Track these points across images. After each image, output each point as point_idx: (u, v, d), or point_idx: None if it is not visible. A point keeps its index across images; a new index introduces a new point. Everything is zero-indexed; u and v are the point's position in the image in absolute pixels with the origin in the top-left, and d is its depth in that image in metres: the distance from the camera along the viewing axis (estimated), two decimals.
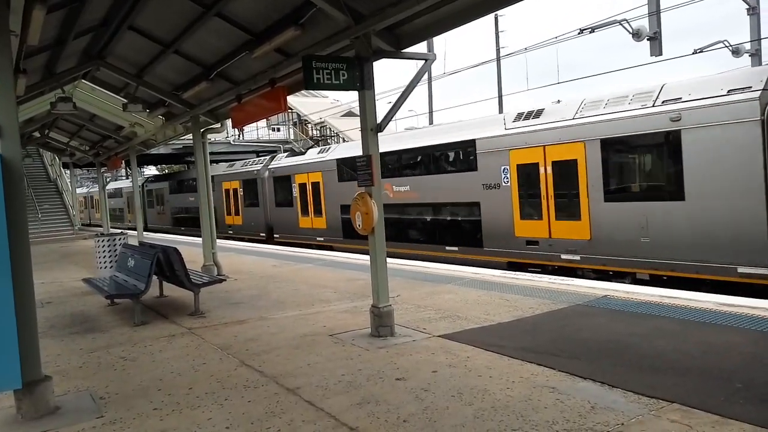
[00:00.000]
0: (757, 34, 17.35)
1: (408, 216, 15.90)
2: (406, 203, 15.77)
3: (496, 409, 4.22)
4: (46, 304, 9.69)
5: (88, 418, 4.53)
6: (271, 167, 22.45)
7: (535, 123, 12.19)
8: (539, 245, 12.10)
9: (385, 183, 15.20)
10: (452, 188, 14.25)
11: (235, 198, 25.33)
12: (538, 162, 12.01)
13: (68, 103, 11.59)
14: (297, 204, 20.71)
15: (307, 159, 20.52)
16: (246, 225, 24.55)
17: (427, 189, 15.07)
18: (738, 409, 3.96)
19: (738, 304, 6.79)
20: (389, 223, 14.59)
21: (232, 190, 25.51)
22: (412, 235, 15.87)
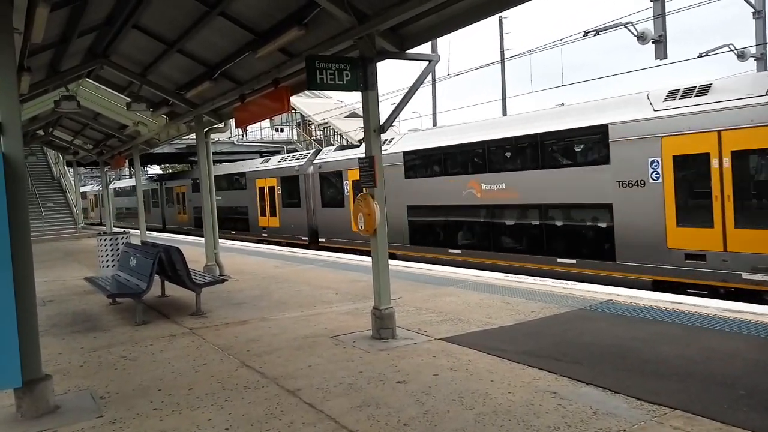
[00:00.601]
0: (763, 37, 17.27)
1: (503, 220, 13.23)
2: (501, 204, 13.07)
3: (497, 414, 4.19)
4: (48, 303, 9.69)
5: (88, 417, 4.52)
6: (318, 162, 19.70)
7: (700, 102, 9.62)
8: (706, 260, 9.49)
9: (471, 180, 13.64)
10: (569, 186, 11.56)
11: (272, 197, 22.59)
12: (709, 152, 9.34)
13: (72, 102, 11.60)
14: (350, 204, 17.40)
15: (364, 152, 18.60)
16: (284, 227, 21.85)
17: (531, 187, 12.29)
18: (741, 416, 3.93)
19: (742, 310, 6.74)
20: (474, 230, 13.98)
21: (268, 189, 22.73)
22: (507, 244, 13.15)
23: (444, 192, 14.45)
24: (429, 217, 15.16)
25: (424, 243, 15.23)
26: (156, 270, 8.05)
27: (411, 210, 15.54)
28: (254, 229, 23.73)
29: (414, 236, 15.51)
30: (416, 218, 15.44)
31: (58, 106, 11.76)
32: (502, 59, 27.57)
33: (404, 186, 15.68)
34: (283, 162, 22.28)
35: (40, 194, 28.57)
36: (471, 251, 13.85)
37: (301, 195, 20.65)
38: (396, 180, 15.85)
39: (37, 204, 27.32)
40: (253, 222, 23.97)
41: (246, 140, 38.51)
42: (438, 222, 15.00)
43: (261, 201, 23.38)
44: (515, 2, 5.70)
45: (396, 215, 15.90)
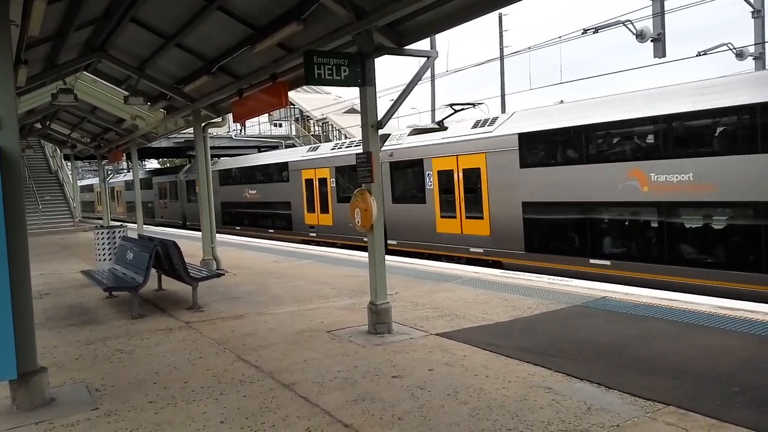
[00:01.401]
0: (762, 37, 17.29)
1: (687, 222, 9.92)
2: (684, 201, 9.66)
3: (491, 409, 4.21)
4: (44, 295, 9.70)
5: (83, 410, 4.53)
6: (388, 149, 16.13)
7: None
8: None
9: (633, 169, 10.20)
10: None
11: (322, 191, 19.32)
12: None
13: (69, 95, 11.57)
14: (435, 200, 14.59)
15: (455, 135, 14.19)
16: (340, 226, 18.49)
17: (738, 179, 8.90)
18: (734, 412, 3.95)
19: (736, 307, 6.77)
20: (635, 234, 10.51)
21: (318, 181, 19.51)
22: (692, 254, 9.82)
23: (585, 185, 11.03)
24: (557, 216, 11.75)
25: (547, 250, 11.91)
26: (153, 264, 8.05)
27: (529, 208, 12.16)
28: (299, 227, 20.67)
29: (532, 241, 12.18)
30: (537, 218, 12.07)
31: (55, 99, 11.74)
32: (501, 56, 27.56)
33: (519, 178, 12.27)
34: (338, 149, 18.77)
35: (38, 187, 28.54)
36: (629, 263, 10.49)
37: None
38: (505, 170, 12.55)
39: (34, 197, 27.29)
40: (297, 219, 20.93)
41: (244, 135, 38.46)
42: (572, 223, 11.54)
43: (308, 195, 20.11)
44: None
45: (503, 215, 12.67)
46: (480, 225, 13.40)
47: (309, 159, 20.15)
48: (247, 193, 24.30)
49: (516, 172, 12.38)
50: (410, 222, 15.54)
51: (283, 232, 21.53)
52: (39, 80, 11.47)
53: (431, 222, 14.76)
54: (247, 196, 24.29)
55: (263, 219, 23.06)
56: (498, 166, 12.77)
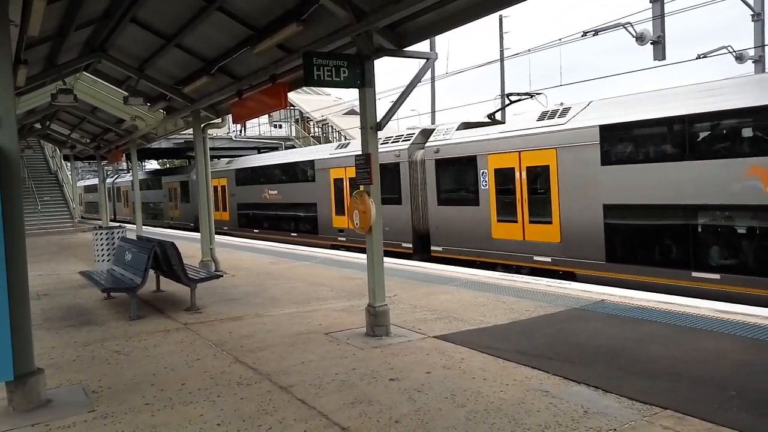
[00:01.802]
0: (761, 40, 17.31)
1: None
2: None
3: (488, 412, 4.20)
4: (42, 296, 9.69)
5: (80, 411, 4.52)
6: (435, 144, 14.67)
7: None
8: None
9: (755, 165, 8.79)
10: None
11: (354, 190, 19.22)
12: None
13: (69, 95, 11.58)
14: (490, 202, 13.03)
15: (516, 129, 12.54)
16: None
17: None
18: (731, 416, 3.95)
19: (733, 311, 6.77)
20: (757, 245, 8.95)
21: (349, 181, 17.99)
22: None
23: (689, 185, 9.51)
24: (650, 221, 10.18)
25: (635, 260, 10.35)
26: (151, 265, 8.05)
27: (612, 211, 10.61)
28: (326, 230, 19.11)
29: (615, 250, 10.65)
30: (622, 223, 10.61)
31: (55, 100, 11.74)
32: (502, 58, 27.59)
33: (600, 176, 10.73)
34: None
35: (37, 188, 28.52)
36: (745, 277, 8.99)
37: (403, 188, 15.76)
38: (581, 168, 11.04)
39: (33, 198, 27.28)
40: (324, 222, 19.37)
41: (244, 136, 38.46)
42: (670, 230, 9.96)
43: (337, 196, 18.48)
44: (514, 0, 5.70)
45: (578, 219, 11.14)
46: (548, 231, 11.77)
47: (338, 157, 18.40)
48: (267, 194, 22.72)
49: (596, 170, 10.80)
50: (459, 227, 13.96)
51: (307, 236, 20.14)
52: (39, 80, 11.48)
53: (485, 227, 13.18)
54: (267, 197, 22.74)
55: (285, 222, 21.65)
56: (572, 163, 11.18)
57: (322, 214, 19.36)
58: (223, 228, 25.47)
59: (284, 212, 21.72)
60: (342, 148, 18.81)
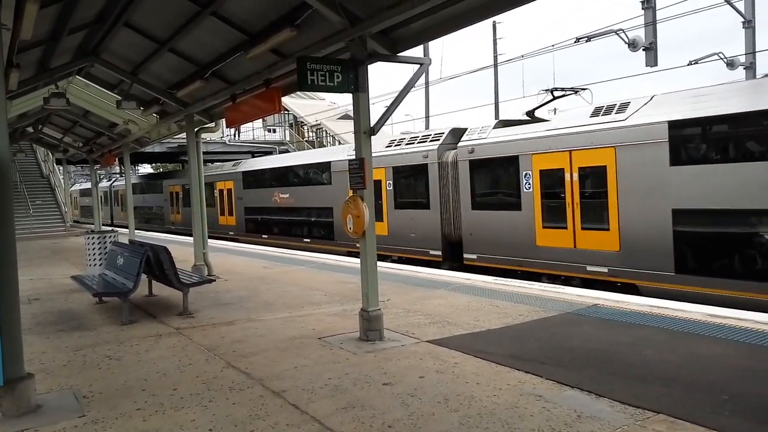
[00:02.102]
0: (752, 46, 17.48)
1: None
2: None
3: (481, 416, 4.19)
4: (33, 301, 9.61)
5: (70, 417, 4.48)
6: (469, 144, 13.41)
7: None
8: None
9: None
10: None
11: (376, 195, 16.20)
12: None
13: (62, 99, 11.53)
14: (535, 206, 11.94)
15: (565, 126, 11.44)
16: (396, 236, 15.78)
17: None
18: (724, 420, 3.96)
19: (726, 315, 6.80)
20: None
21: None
22: None
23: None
24: (733, 229, 9.02)
25: (711, 272, 9.22)
26: (143, 269, 8.00)
27: (683, 217, 9.53)
28: (344, 236, 17.41)
29: (686, 260, 9.56)
30: (696, 231, 9.49)
31: (47, 103, 11.68)
32: (495, 63, 27.71)
33: (669, 178, 9.66)
34: (396, 147, 15.95)
35: (29, 192, 28.36)
36: None
37: (431, 192, 14.54)
38: (646, 169, 9.98)
39: (25, 201, 27.11)
40: (341, 228, 17.55)
41: (238, 140, 38.42)
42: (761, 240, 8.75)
43: None
44: (507, 7, 5.73)
45: (642, 226, 10.10)
46: (604, 238, 10.66)
47: None
48: (278, 198, 21.33)
49: (664, 170, 9.71)
50: (497, 233, 12.75)
51: (322, 242, 18.87)
52: (31, 84, 11.43)
53: (529, 233, 12.01)
54: (278, 201, 21.32)
55: (297, 227, 20.36)
56: (635, 164, 10.12)
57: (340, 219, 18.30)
58: (229, 233, 24.54)
59: (297, 217, 20.45)
60: None
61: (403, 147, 15.70)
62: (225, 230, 24.94)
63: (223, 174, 25.30)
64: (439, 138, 14.70)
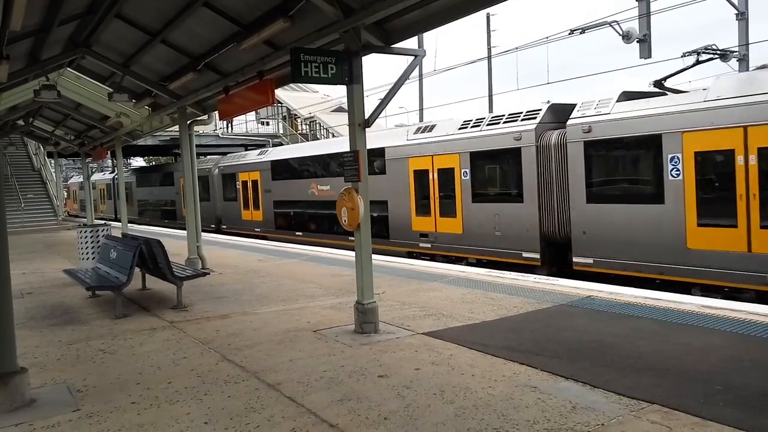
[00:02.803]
0: (746, 38, 17.51)
1: None
2: None
3: (477, 408, 4.20)
4: (26, 295, 9.55)
5: (64, 411, 4.46)
6: (580, 122, 11.00)
7: None
8: None
9: None
10: None
11: (446, 185, 13.95)
12: None
13: (52, 91, 11.42)
14: (685, 198, 9.56)
15: (734, 96, 9.01)
16: (473, 235, 13.32)
17: None
18: (718, 410, 3.98)
19: (719, 306, 6.84)
20: None
21: (438, 173, 14.16)
22: None
23: None
24: None
25: None
26: (137, 263, 7.96)
27: None
28: (402, 234, 15.27)
29: None
30: None
31: (38, 96, 11.57)
32: (489, 56, 27.67)
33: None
34: (474, 128, 13.35)
35: (20, 185, 28.16)
36: None
37: (526, 181, 12.15)
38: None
39: (16, 195, 26.92)
40: (399, 225, 15.45)
41: (231, 133, 38.22)
42: None
43: (421, 191, 14.77)
44: None
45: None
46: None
47: (422, 143, 14.51)
48: (315, 190, 18.64)
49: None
50: (626, 232, 10.42)
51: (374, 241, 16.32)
52: (21, 76, 11.30)
53: (675, 233, 9.71)
54: (315, 194, 18.61)
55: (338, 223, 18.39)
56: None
57: (396, 213, 15.48)
58: (254, 230, 22.10)
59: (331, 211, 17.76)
60: (425, 132, 14.69)
61: (483, 129, 13.08)
62: (249, 227, 22.47)
63: (247, 164, 22.67)
64: (536, 116, 12.15)
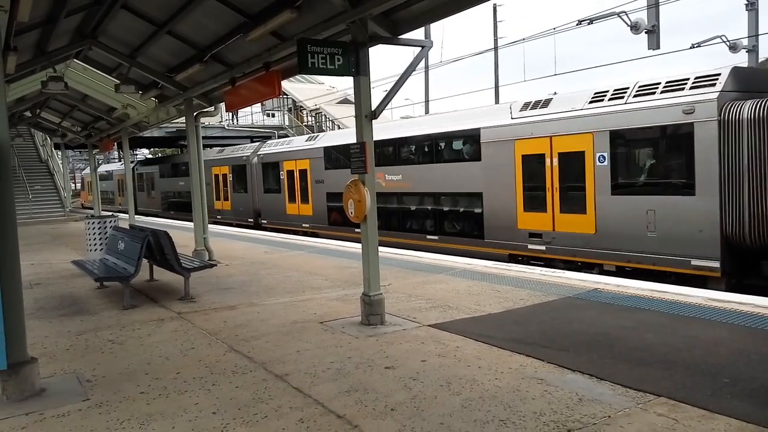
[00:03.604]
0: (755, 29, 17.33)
1: None
2: None
3: (483, 399, 4.22)
4: (34, 286, 9.63)
5: (74, 400, 4.50)
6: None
7: None
8: None
9: None
10: None
11: (572, 174, 11.25)
12: None
13: (60, 83, 11.47)
14: None
15: None
16: (616, 234, 10.54)
17: None
18: (725, 403, 3.98)
19: (726, 299, 6.82)
20: None
21: (561, 158, 11.37)
22: None
23: None
24: None
25: None
26: (144, 254, 8.00)
27: None
28: (503, 233, 12.64)
29: None
30: None
31: (45, 87, 11.62)
32: (496, 47, 27.50)
33: None
34: (614, 101, 10.61)
35: (28, 177, 28.29)
36: None
37: (699, 168, 9.44)
38: None
39: (24, 187, 27.06)
40: (498, 222, 12.74)
41: (237, 125, 38.24)
42: None
43: (529, 182, 12.05)
44: None
45: None
46: None
47: (534, 121, 11.80)
48: (384, 181, 15.95)
49: None
50: None
51: (462, 241, 13.72)
52: (29, 67, 11.34)
53: None
54: (383, 185, 15.87)
55: (417, 219, 15.32)
56: None
57: (494, 209, 12.86)
58: (302, 225, 19.70)
59: (415, 206, 15.28)
60: (538, 108, 11.99)
61: (628, 101, 10.38)
62: (296, 221, 20.03)
63: (294, 151, 20.05)
64: (714, 82, 9.43)
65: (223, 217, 24.96)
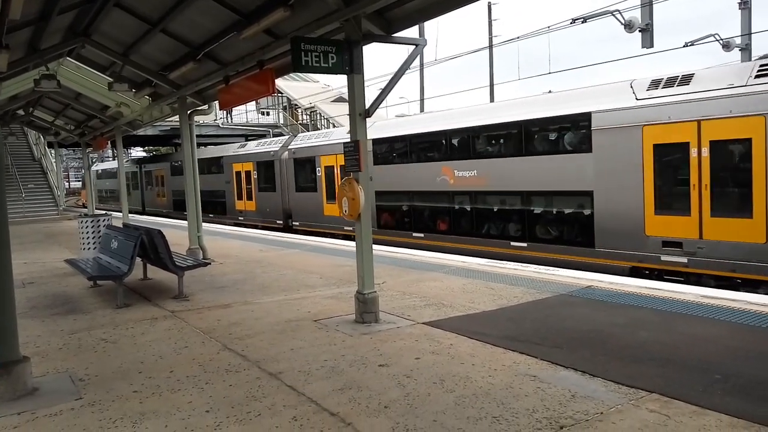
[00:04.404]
0: (748, 28, 17.41)
1: None
2: None
3: (477, 397, 4.23)
4: (27, 284, 9.58)
5: (67, 399, 4.48)
6: None
7: None
8: None
9: None
10: None
11: (730, 165, 9.26)
12: None
13: (52, 81, 11.39)
14: None
15: None
16: None
17: None
18: (716, 399, 4.00)
19: (719, 296, 6.85)
20: None
21: (711, 148, 9.17)
22: None
23: None
24: None
25: None
26: (138, 252, 7.98)
27: None
28: (623, 241, 10.45)
29: None
30: None
31: (38, 85, 11.54)
32: (491, 45, 27.52)
33: None
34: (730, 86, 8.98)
35: (21, 175, 28.14)
36: None
37: None
38: None
39: (17, 185, 26.91)
40: (618, 226, 10.53)
41: (231, 123, 38.11)
42: None
43: (664, 177, 9.92)
44: None
45: None
46: None
47: (673, 102, 9.63)
48: (450, 177, 13.86)
49: None
50: None
51: (562, 250, 11.58)
52: (21, 65, 11.25)
53: None
54: (450, 182, 13.84)
55: (495, 223, 13.19)
56: None
57: (610, 210, 10.60)
58: (343, 228, 17.04)
59: (491, 206, 13.21)
60: (676, 86, 9.78)
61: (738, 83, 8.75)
62: (336, 224, 17.52)
63: (333, 144, 17.63)
64: None
65: (246, 218, 22.83)
